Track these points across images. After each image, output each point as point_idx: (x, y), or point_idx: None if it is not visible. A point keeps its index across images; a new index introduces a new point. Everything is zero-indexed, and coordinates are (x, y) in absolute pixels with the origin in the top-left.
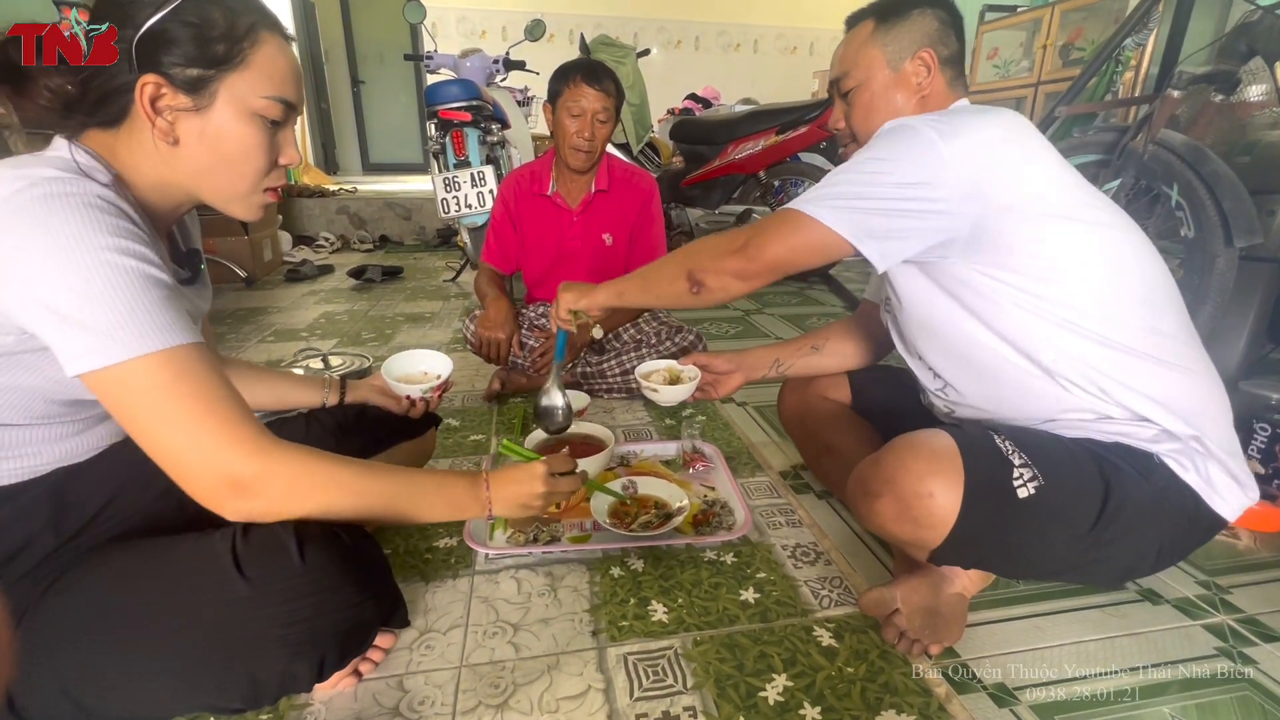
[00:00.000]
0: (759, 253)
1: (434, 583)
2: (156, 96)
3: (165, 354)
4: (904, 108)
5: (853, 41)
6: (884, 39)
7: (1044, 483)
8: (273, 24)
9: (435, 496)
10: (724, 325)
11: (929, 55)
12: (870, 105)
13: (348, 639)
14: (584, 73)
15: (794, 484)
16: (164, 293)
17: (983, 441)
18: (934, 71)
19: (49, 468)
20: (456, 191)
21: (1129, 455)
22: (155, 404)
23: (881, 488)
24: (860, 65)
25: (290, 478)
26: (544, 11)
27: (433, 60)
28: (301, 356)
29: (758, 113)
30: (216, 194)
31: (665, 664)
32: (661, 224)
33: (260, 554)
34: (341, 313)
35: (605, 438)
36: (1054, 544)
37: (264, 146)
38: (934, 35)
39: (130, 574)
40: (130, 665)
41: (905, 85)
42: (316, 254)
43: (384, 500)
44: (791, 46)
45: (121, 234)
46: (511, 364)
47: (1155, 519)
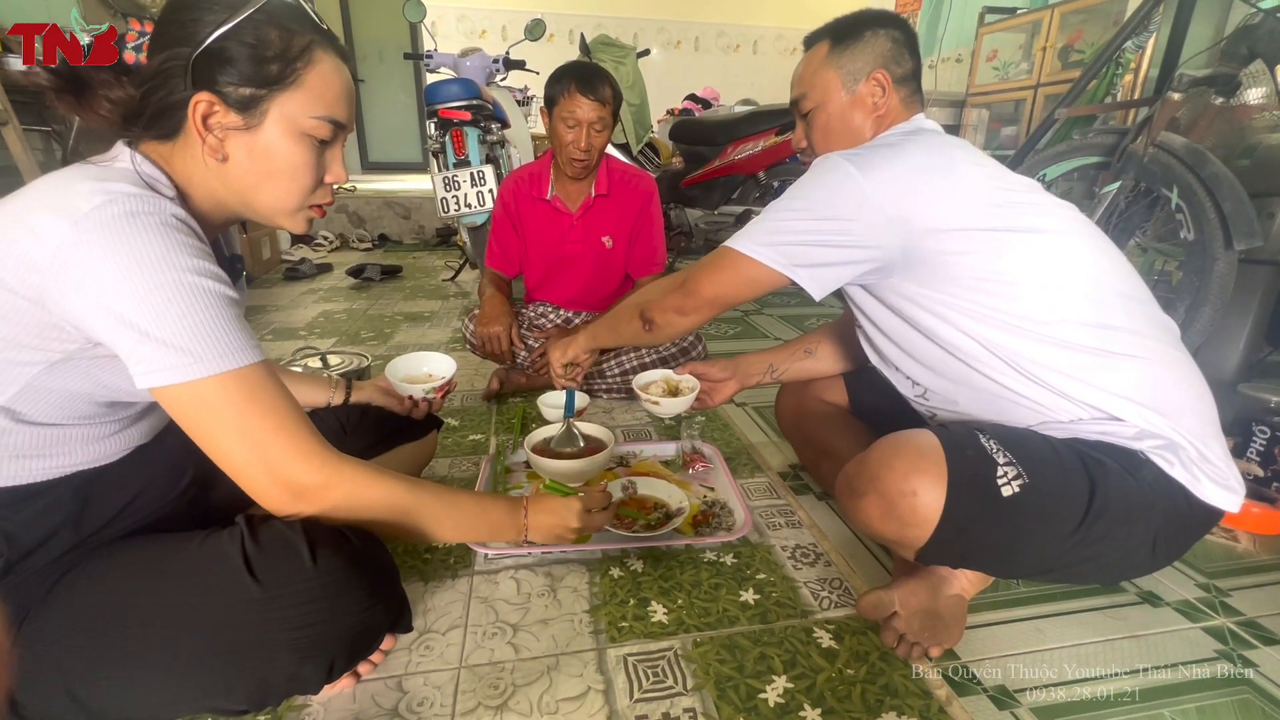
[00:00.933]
0: (695, 289)
1: (433, 583)
2: (209, 114)
3: (240, 372)
4: (861, 127)
5: (810, 63)
6: (839, 61)
7: (1029, 481)
8: (329, 44)
9: (477, 519)
10: (724, 325)
11: (883, 76)
12: (828, 126)
13: (357, 643)
14: (579, 81)
15: (793, 485)
16: (237, 311)
17: (968, 440)
18: (889, 91)
19: (79, 468)
20: (456, 191)
21: (1115, 453)
22: (230, 419)
23: (866, 486)
24: (817, 87)
25: (349, 492)
26: (544, 11)
27: (433, 59)
28: (300, 355)
29: (757, 114)
30: (262, 208)
31: (665, 665)
32: (660, 225)
33: (272, 557)
34: (340, 311)
35: (605, 438)
36: (1041, 542)
37: (311, 165)
38: (887, 55)
39: (140, 574)
40: (137, 665)
41: (861, 105)
42: (315, 252)
43: (428, 518)
44: (791, 48)
45: (199, 254)
46: (513, 365)
47: (1145, 514)
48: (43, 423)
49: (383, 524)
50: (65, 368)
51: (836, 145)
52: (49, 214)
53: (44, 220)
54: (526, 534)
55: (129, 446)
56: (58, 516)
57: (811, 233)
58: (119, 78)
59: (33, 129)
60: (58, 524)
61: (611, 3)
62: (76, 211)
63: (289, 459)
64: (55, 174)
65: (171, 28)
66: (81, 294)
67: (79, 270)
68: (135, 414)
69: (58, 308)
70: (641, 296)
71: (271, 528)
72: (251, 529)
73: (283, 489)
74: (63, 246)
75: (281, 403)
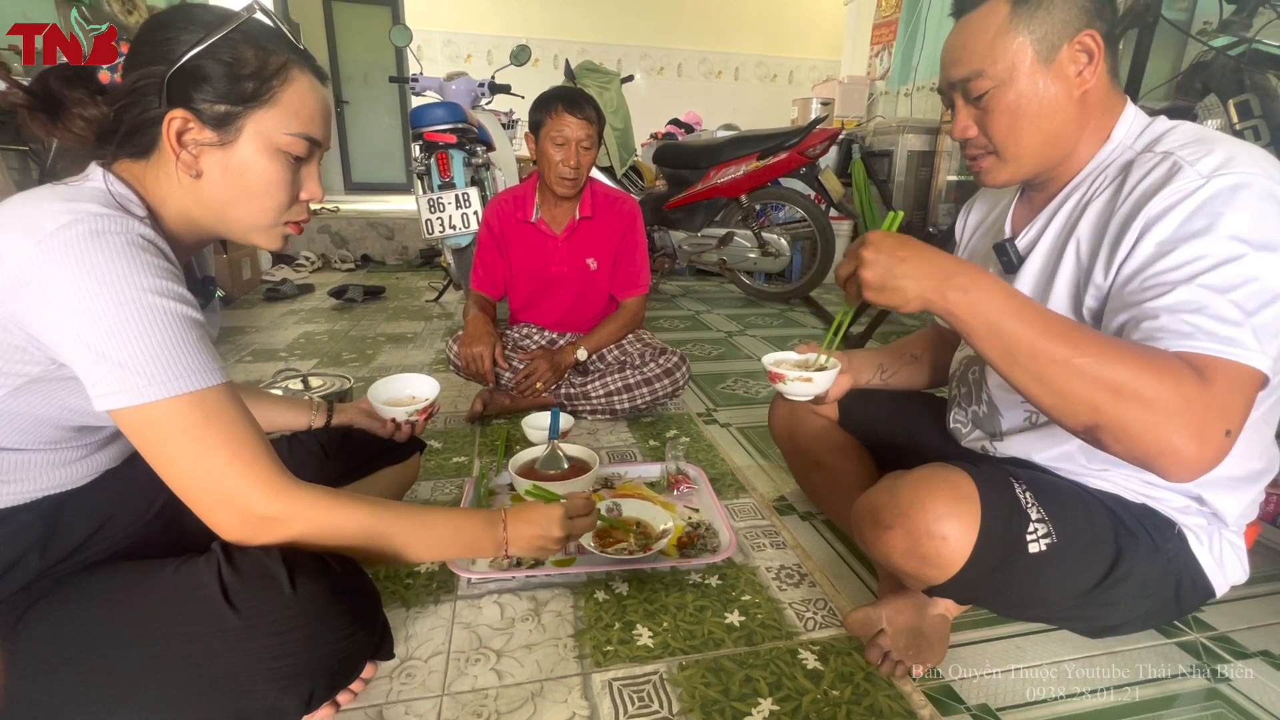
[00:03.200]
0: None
1: (415, 608)
2: (184, 130)
3: (198, 395)
4: (1064, 109)
5: (982, 30)
6: (1028, 22)
7: (1057, 540)
8: (305, 63)
9: (452, 536)
10: (706, 346)
11: (1091, 38)
12: (1019, 109)
13: (337, 671)
14: (565, 102)
15: (778, 505)
16: (199, 333)
17: (1002, 490)
18: (1098, 58)
19: (45, 493)
20: (441, 212)
21: (1150, 520)
22: (183, 444)
23: (894, 521)
24: (1000, 60)
25: (311, 523)
26: (529, 37)
27: (419, 83)
28: (281, 377)
29: (739, 138)
30: (237, 225)
31: (651, 689)
32: (644, 247)
33: (250, 585)
34: (322, 333)
35: (590, 460)
36: (1051, 597)
37: (286, 182)
38: (1091, 7)
39: (113, 603)
40: (111, 697)
41: (1062, 78)
42: (297, 273)
43: (399, 541)
44: (771, 74)
45: (162, 274)
46: (497, 386)
47: (1156, 589)
48: (7, 447)
49: (353, 550)
50: (30, 390)
51: (1032, 136)
52: (14, 233)
53: (8, 239)
54: (507, 547)
55: (97, 471)
56: (23, 542)
57: None
58: (93, 96)
59: (9, 148)
60: (23, 550)
61: (596, 29)
62: (41, 230)
63: (245, 487)
64: (25, 194)
65: (147, 47)
66: (42, 313)
67: (40, 289)
68: (103, 439)
69: (20, 328)
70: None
71: (249, 555)
72: (228, 556)
73: (238, 518)
74: (25, 265)
75: (241, 428)
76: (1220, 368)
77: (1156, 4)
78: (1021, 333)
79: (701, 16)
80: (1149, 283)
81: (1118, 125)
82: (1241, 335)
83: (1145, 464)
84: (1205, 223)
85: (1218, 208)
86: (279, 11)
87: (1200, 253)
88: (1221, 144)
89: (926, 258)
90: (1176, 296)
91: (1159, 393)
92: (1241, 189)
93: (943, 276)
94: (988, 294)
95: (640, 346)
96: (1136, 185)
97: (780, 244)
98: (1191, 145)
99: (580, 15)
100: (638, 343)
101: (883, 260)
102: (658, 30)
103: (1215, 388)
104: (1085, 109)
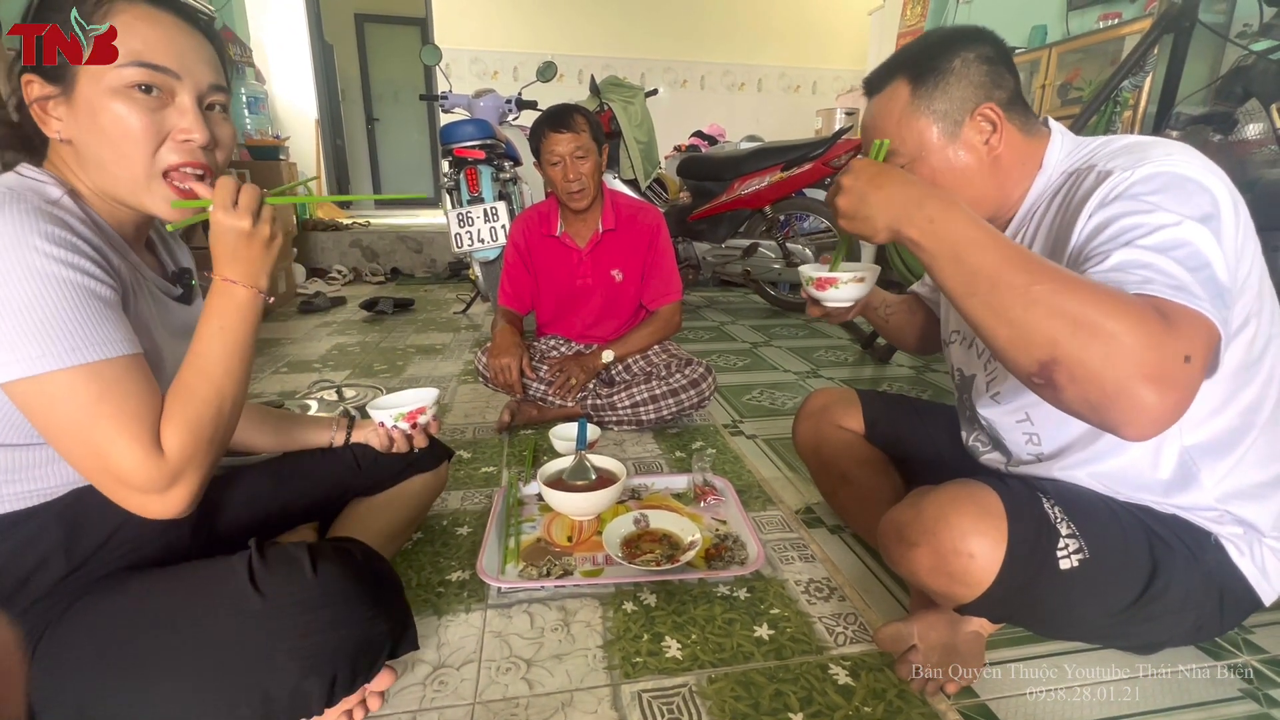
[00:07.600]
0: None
1: (447, 616)
2: (40, 96)
3: (90, 368)
4: (979, 175)
5: (888, 111)
6: (928, 103)
7: (1089, 556)
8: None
9: (218, 332)
10: (731, 357)
11: (991, 109)
12: (936, 180)
13: (359, 656)
14: (550, 123)
15: (806, 518)
16: (98, 305)
17: (1030, 505)
18: (1001, 124)
19: (59, 490)
20: (470, 226)
21: (1185, 531)
22: (72, 416)
23: (919, 538)
24: (908, 139)
25: (189, 458)
26: (555, 53)
27: (448, 100)
28: (316, 388)
29: (763, 150)
30: (121, 188)
31: (680, 701)
32: (672, 255)
33: (274, 570)
34: (354, 344)
35: (617, 470)
36: (1088, 614)
37: (141, 120)
38: (986, 82)
39: (147, 598)
40: (146, 685)
41: (971, 148)
42: (329, 286)
43: (224, 381)
44: (795, 85)
45: (57, 242)
46: (525, 397)
47: (1199, 601)
48: (7, 444)
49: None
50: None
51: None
52: None
53: None
54: (234, 280)
55: None
56: (47, 544)
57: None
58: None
59: None
60: (46, 552)
61: (620, 44)
62: None
63: (136, 464)
64: None
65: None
66: None
67: None
68: None
69: None
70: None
71: (278, 547)
72: (261, 549)
73: (124, 487)
74: None
75: (138, 401)
76: (1181, 312)
77: (1193, 8)
78: (982, 260)
79: (724, 29)
80: (1089, 253)
81: (1047, 154)
82: (1193, 287)
83: (1100, 410)
84: (1136, 205)
85: (1148, 191)
86: (313, 32)
87: (1136, 224)
88: (1152, 147)
89: (899, 188)
90: (1119, 258)
91: (1119, 327)
92: (1170, 176)
93: (914, 205)
94: (954, 224)
95: (666, 357)
96: (1072, 197)
97: (805, 255)
98: (1121, 155)
99: (604, 31)
100: (664, 354)
101: (858, 188)
102: (680, 44)
103: (1178, 330)
104: (1001, 169)
